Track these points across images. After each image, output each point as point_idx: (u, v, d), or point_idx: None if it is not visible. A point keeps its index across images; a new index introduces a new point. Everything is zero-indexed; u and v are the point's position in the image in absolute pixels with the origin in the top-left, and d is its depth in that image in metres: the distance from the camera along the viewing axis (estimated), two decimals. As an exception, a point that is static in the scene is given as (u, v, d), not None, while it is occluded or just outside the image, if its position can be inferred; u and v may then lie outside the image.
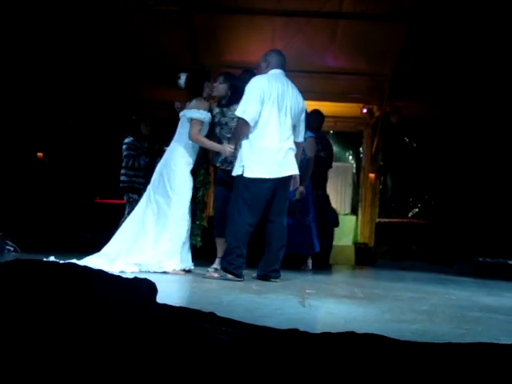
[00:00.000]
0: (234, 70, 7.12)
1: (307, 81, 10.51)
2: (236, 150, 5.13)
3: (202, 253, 6.79)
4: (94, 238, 8.93)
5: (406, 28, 9.24)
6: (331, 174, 12.85)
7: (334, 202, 10.04)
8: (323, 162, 7.78)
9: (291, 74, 10.14)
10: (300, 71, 10.25)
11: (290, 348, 1.61)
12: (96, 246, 8.62)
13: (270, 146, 4.93)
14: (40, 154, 11.46)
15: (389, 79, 10.25)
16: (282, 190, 5.07)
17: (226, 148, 5.19)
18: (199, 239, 5.88)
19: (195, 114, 5.39)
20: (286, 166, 5.03)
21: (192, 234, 5.75)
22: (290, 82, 5.17)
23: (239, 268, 4.86)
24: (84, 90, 10.84)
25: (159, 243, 5.26)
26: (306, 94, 10.52)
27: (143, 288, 2.06)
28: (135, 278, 2.19)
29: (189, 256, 5.48)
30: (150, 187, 5.52)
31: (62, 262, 2.27)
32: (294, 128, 5.18)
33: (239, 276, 4.85)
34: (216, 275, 4.93)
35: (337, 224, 9.17)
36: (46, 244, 8.14)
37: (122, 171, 7.52)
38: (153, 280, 2.29)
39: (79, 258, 4.98)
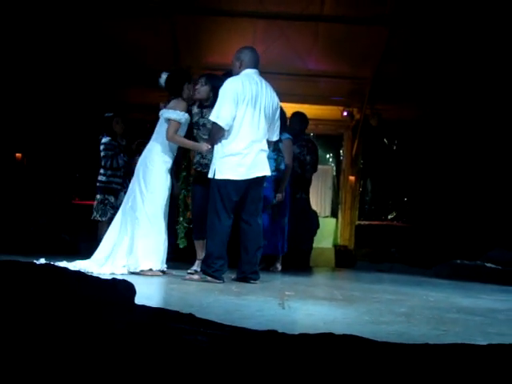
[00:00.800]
0: (215, 71, 7.11)
1: (288, 83, 10.54)
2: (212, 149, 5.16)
3: (181, 255, 6.79)
4: (72, 240, 8.87)
5: (386, 32, 9.29)
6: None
7: (314, 205, 10.06)
8: (308, 165, 7.80)
9: (272, 76, 10.20)
10: (281, 74, 10.28)
11: (268, 349, 1.61)
12: (75, 248, 8.58)
13: (240, 148, 4.95)
14: (19, 155, 11.35)
15: (369, 82, 10.29)
16: (254, 191, 5.09)
17: (203, 146, 5.22)
18: (183, 240, 5.85)
19: (172, 114, 5.37)
20: (256, 167, 5.05)
21: (177, 235, 5.76)
22: (264, 81, 5.16)
23: (219, 271, 4.86)
24: (63, 91, 10.74)
25: (135, 242, 5.24)
26: (288, 97, 10.61)
27: (121, 289, 2.05)
28: (113, 278, 2.18)
29: (165, 256, 5.43)
30: (130, 187, 5.53)
31: (52, 264, 2.26)
32: (269, 127, 5.18)
33: (219, 279, 4.84)
34: (196, 277, 4.94)
35: (317, 226, 9.19)
36: (24, 246, 8.07)
37: (101, 171, 7.41)
38: (132, 281, 2.29)
39: (69, 261, 4.98)
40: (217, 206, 4.92)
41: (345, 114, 11.15)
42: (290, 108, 10.04)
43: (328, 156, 13.88)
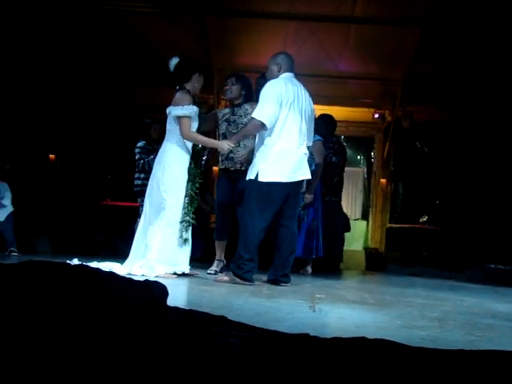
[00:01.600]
0: (246, 73, 7.13)
1: (319, 85, 10.50)
2: (237, 147, 5.13)
3: (205, 256, 6.82)
4: (104, 240, 8.98)
5: (418, 32, 9.21)
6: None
7: (345, 207, 10.01)
8: (334, 167, 7.78)
9: (303, 78, 10.15)
10: (312, 75, 10.24)
11: (300, 352, 1.61)
12: (107, 248, 8.68)
13: (285, 150, 4.91)
14: (52, 156, 11.52)
15: (401, 84, 10.22)
16: (294, 194, 5.07)
17: (224, 144, 5.09)
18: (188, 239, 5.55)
19: (180, 111, 5.17)
20: (300, 170, 5.03)
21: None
22: (301, 85, 5.17)
23: (249, 273, 4.83)
24: (96, 93, 10.88)
25: (151, 245, 5.13)
26: (318, 99, 10.54)
27: (154, 290, 2.06)
28: (146, 280, 2.19)
29: (187, 258, 5.30)
30: (149, 188, 5.39)
31: (85, 265, 2.28)
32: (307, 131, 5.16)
33: (248, 280, 4.82)
34: (226, 278, 4.90)
35: (348, 229, 9.15)
36: (58, 246, 8.20)
37: (136, 175, 7.48)
38: (163, 283, 2.30)
39: (100, 261, 5.04)
40: (253, 208, 4.86)
41: (376, 115, 11.09)
42: (321, 110, 10.00)
43: (359, 158, 13.82)
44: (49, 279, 1.96)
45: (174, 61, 5.38)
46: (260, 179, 4.86)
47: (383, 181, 11.68)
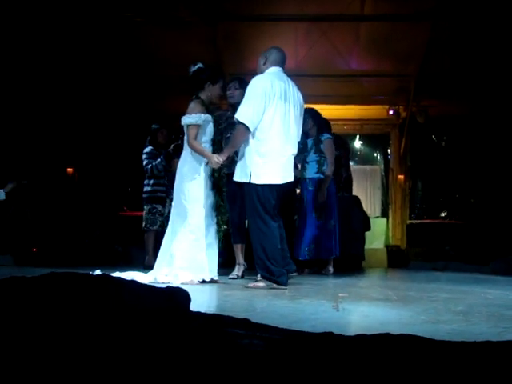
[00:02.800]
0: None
1: (331, 85, 10.52)
2: (229, 158, 5.02)
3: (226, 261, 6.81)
4: (125, 251, 9.03)
5: (429, 27, 9.18)
6: (360, 177, 12.82)
7: (364, 205, 9.95)
8: (338, 160, 7.72)
9: (315, 78, 10.19)
10: (324, 76, 10.28)
11: (325, 351, 1.60)
12: (128, 259, 8.73)
13: (273, 150, 4.76)
14: (70, 170, 11.62)
15: (414, 79, 10.18)
16: (280, 195, 4.97)
17: (213, 159, 5.03)
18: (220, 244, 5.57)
19: (186, 119, 5.19)
20: (288, 171, 4.92)
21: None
22: (289, 80, 4.98)
23: (282, 276, 4.72)
24: (111, 105, 10.96)
25: (175, 253, 5.14)
26: (331, 99, 10.60)
27: (177, 297, 2.07)
28: (168, 287, 2.20)
29: (214, 265, 5.29)
30: (174, 196, 5.40)
31: (108, 274, 2.30)
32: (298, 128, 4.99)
33: (284, 284, 4.70)
34: (261, 285, 4.76)
35: (368, 228, 9.11)
36: (80, 258, 8.25)
37: (145, 182, 7.41)
38: (186, 289, 2.30)
39: (122, 271, 5.07)
40: (259, 210, 4.73)
41: (391, 112, 11.05)
42: (335, 110, 10.00)
43: (375, 156, 13.76)
44: (72, 290, 1.97)
45: (192, 68, 5.41)
46: (253, 181, 4.74)
47: (401, 177, 11.63)
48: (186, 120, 5.22)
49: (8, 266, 7.19)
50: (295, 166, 7.02)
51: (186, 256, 5.13)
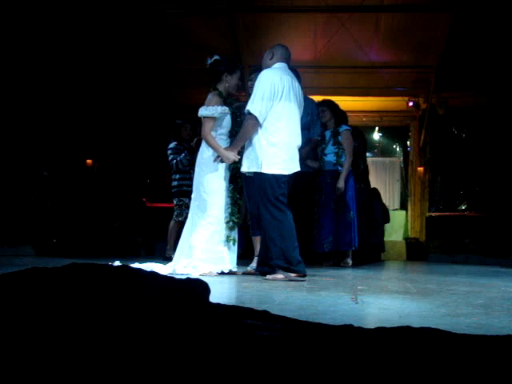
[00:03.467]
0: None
1: (351, 76, 10.47)
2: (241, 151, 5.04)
3: (244, 253, 6.81)
4: (145, 242, 9.09)
5: (450, 17, 9.08)
6: (379, 169, 12.78)
7: (383, 198, 9.92)
8: (356, 151, 7.69)
9: (334, 70, 10.12)
10: (343, 67, 10.22)
11: (345, 344, 1.60)
12: (148, 250, 8.78)
13: (283, 141, 4.86)
14: (89, 161, 11.69)
15: (434, 71, 10.09)
16: (288, 187, 5.02)
17: (230, 155, 5.05)
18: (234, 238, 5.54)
19: (203, 111, 5.22)
20: (294, 163, 4.98)
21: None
22: (293, 76, 5.09)
23: (300, 264, 4.76)
24: (131, 97, 11.00)
25: (195, 245, 5.17)
26: (350, 90, 10.55)
27: (196, 288, 2.07)
28: (188, 278, 2.20)
29: (233, 257, 5.33)
30: (194, 188, 5.42)
31: (127, 265, 2.31)
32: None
33: (302, 272, 4.74)
34: (280, 276, 4.75)
35: (387, 220, 9.07)
36: (100, 249, 8.32)
37: (172, 176, 7.56)
38: (205, 280, 2.31)
39: (141, 263, 5.11)
40: (273, 199, 4.79)
41: (410, 104, 10.98)
42: (354, 101, 9.94)
43: (395, 148, 13.68)
44: (92, 281, 1.98)
45: (209, 61, 5.42)
46: (265, 171, 4.80)
47: (420, 169, 11.55)
48: (202, 112, 5.24)
49: (29, 257, 7.27)
50: (314, 158, 7.04)
51: (206, 247, 5.15)
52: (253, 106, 4.79)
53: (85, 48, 9.64)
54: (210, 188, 5.24)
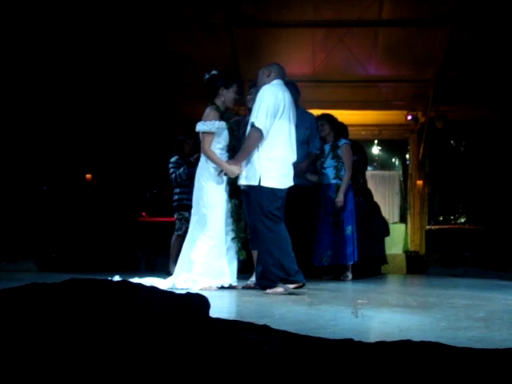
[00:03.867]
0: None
1: (349, 91, 10.50)
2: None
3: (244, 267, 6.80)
4: (145, 256, 9.07)
5: (447, 31, 9.12)
6: (378, 182, 12.79)
7: (383, 211, 9.90)
8: (357, 165, 7.71)
9: (332, 84, 10.16)
10: (342, 81, 10.26)
11: (345, 358, 1.59)
12: (148, 264, 8.77)
13: (281, 156, 4.98)
14: (89, 176, 11.69)
15: (433, 84, 10.12)
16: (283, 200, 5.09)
17: (234, 169, 5.06)
18: (242, 251, 5.55)
19: (201, 126, 5.24)
20: (290, 177, 5.09)
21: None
22: (290, 93, 5.21)
23: (298, 274, 4.78)
24: (130, 111, 11.02)
25: (194, 259, 5.16)
26: (349, 104, 10.57)
27: (196, 302, 2.07)
28: (188, 293, 2.20)
29: (234, 271, 5.30)
30: (193, 202, 5.42)
31: (127, 280, 2.31)
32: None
33: (301, 282, 4.76)
34: (280, 290, 4.76)
35: (387, 233, 9.07)
36: (99, 263, 8.31)
37: (173, 190, 7.59)
38: (205, 295, 2.31)
39: (141, 277, 5.10)
40: (269, 212, 4.86)
41: (409, 117, 11.00)
42: (353, 115, 9.98)
43: (394, 161, 13.70)
44: (91, 296, 1.98)
45: (206, 76, 5.43)
46: (263, 184, 4.89)
47: (419, 182, 11.56)
48: (200, 127, 5.26)
49: (29, 272, 7.26)
50: (313, 172, 7.05)
51: (205, 262, 5.14)
52: (258, 119, 4.87)
53: (87, 62, 9.67)
54: (210, 202, 5.24)
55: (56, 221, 9.49)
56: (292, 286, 4.75)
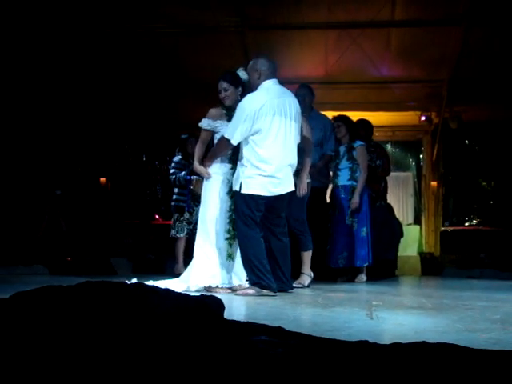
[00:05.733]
0: (288, 86, 7.10)
1: (362, 92, 10.47)
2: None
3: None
4: (158, 259, 9.10)
5: (461, 31, 9.07)
6: (392, 184, 12.72)
7: (397, 212, 9.87)
8: (381, 170, 7.70)
9: (345, 85, 10.12)
10: (355, 82, 10.24)
11: (361, 360, 1.59)
12: (161, 267, 8.79)
13: (270, 163, 4.87)
14: (103, 179, 11.75)
15: (446, 84, 10.07)
16: (278, 207, 5.07)
17: (201, 169, 5.19)
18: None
19: (200, 122, 5.28)
20: (282, 184, 4.97)
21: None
22: (285, 91, 5.10)
23: (270, 280, 4.80)
24: (143, 115, 11.06)
25: (196, 258, 5.19)
26: (362, 106, 10.54)
27: (211, 305, 2.07)
28: (202, 295, 2.21)
29: (243, 272, 5.19)
30: None
31: (142, 283, 2.32)
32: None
33: (273, 289, 4.77)
34: (251, 291, 4.80)
35: (401, 235, 9.03)
36: (112, 267, 8.34)
37: (173, 190, 7.59)
38: (219, 297, 2.31)
39: (155, 280, 5.11)
40: (247, 217, 4.86)
41: (423, 118, 10.96)
42: (366, 116, 9.92)
43: (408, 162, 13.64)
44: (106, 299, 1.99)
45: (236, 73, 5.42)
46: (242, 191, 4.87)
47: (434, 184, 11.52)
48: (200, 123, 5.29)
49: (43, 275, 7.30)
50: (327, 174, 7.05)
51: (199, 262, 5.15)
52: (228, 131, 4.90)
53: (99, 67, 9.72)
54: (210, 202, 5.21)
55: (70, 224, 9.54)
56: (264, 291, 4.76)
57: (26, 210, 9.41)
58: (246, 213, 4.87)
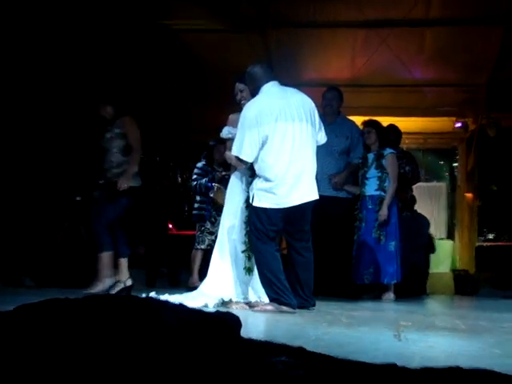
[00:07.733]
0: (313, 88, 7.12)
1: (392, 96, 10.42)
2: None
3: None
4: (171, 273, 9.12)
5: (501, 32, 9.01)
6: (423, 194, 12.65)
7: (428, 226, 9.80)
8: (411, 177, 7.64)
9: (375, 88, 10.09)
10: (384, 86, 10.19)
11: (388, 385, 1.57)
12: (173, 281, 8.79)
13: (278, 173, 4.83)
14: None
15: (484, 89, 9.99)
16: (296, 219, 5.01)
17: (233, 160, 5.09)
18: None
19: (221, 132, 5.33)
20: (298, 193, 4.90)
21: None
22: (289, 90, 5.05)
23: (289, 297, 4.78)
24: (161, 121, 11.11)
25: (213, 271, 5.20)
26: (392, 111, 10.50)
27: (227, 321, 2.06)
28: (217, 311, 2.20)
29: (254, 287, 5.18)
30: None
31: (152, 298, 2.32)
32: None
33: (293, 306, 4.74)
34: (270, 308, 4.78)
35: (433, 250, 8.96)
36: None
37: (194, 198, 7.59)
38: (236, 314, 2.30)
39: (171, 294, 5.12)
40: (260, 232, 4.87)
41: (458, 125, 10.87)
42: (396, 122, 9.88)
43: (441, 172, 13.56)
44: (112, 313, 1.99)
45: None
46: (254, 204, 4.89)
47: (469, 195, 11.40)
48: (221, 133, 5.32)
49: (51, 289, 7.34)
50: (354, 183, 7.00)
51: (226, 276, 5.15)
52: (236, 148, 4.88)
53: (107, 66, 9.78)
54: (228, 213, 5.27)
55: (90, 232, 9.59)
56: (284, 307, 4.73)
57: (45, 216, 9.48)
58: (257, 227, 4.89)
